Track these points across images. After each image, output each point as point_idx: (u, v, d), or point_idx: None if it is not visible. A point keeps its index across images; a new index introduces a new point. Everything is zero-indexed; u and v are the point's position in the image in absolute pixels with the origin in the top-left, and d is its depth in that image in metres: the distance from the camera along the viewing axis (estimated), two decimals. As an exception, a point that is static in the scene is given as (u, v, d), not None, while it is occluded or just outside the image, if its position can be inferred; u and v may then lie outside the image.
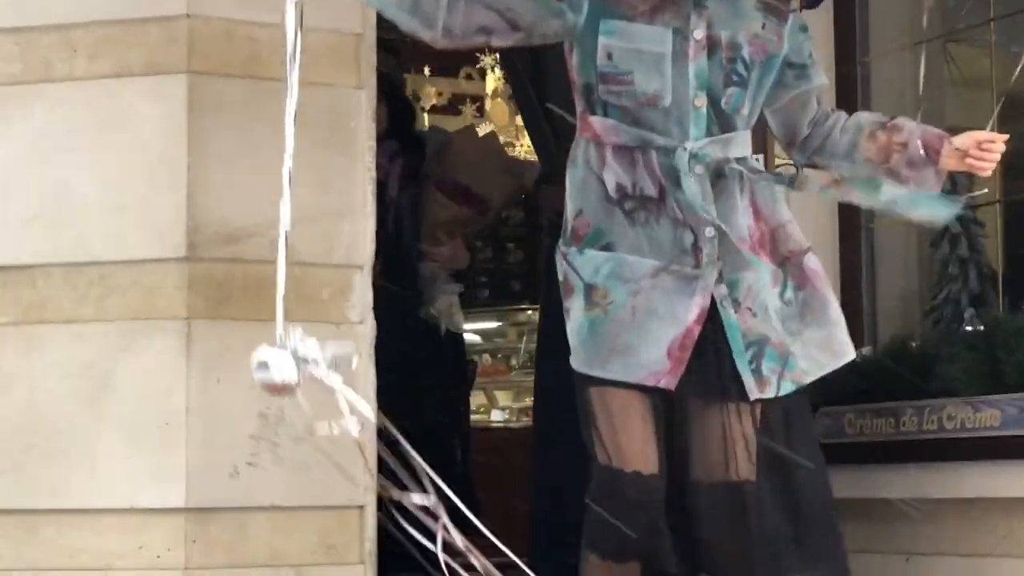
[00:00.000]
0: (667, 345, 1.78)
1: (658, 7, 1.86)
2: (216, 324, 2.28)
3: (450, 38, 1.83)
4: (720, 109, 1.87)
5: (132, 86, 2.30)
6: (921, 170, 1.88)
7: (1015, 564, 2.48)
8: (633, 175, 1.85)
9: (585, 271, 1.85)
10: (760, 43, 1.90)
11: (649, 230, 1.84)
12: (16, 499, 2.28)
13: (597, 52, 1.86)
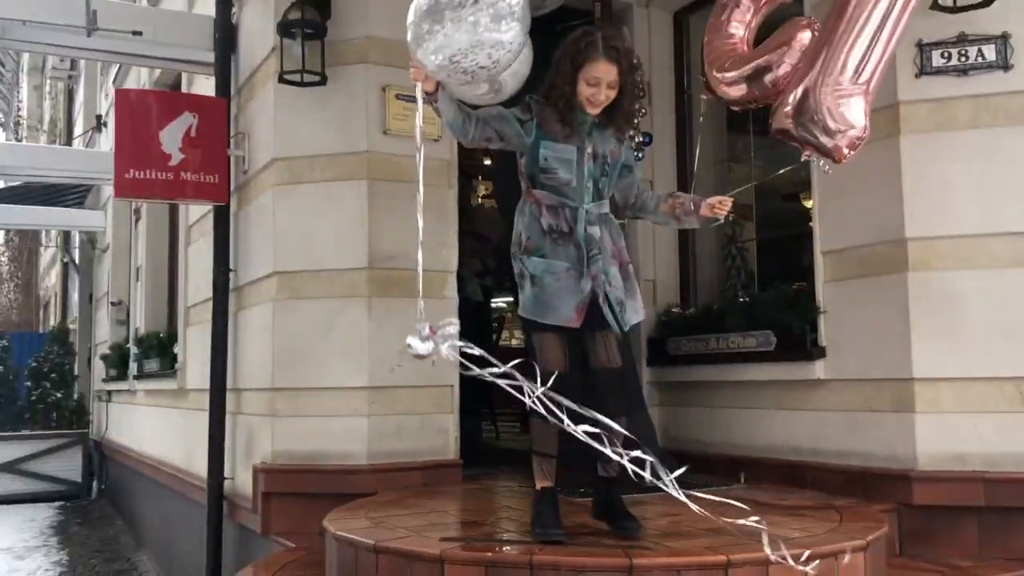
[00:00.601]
0: (574, 306, 3.01)
1: (569, 135, 3.05)
2: (382, 299, 4.50)
3: (472, 142, 3.08)
4: (597, 188, 3.10)
5: (341, 185, 4.57)
6: (690, 216, 3.14)
7: (760, 412, 4.48)
8: (557, 220, 3.05)
9: (530, 267, 3.06)
10: (614, 154, 3.12)
11: (564, 248, 3.04)
12: (290, 381, 4.55)
13: (539, 157, 3.06)
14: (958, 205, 3.78)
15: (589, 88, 3.01)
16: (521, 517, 3.50)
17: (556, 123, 3.06)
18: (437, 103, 2.97)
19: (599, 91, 3.01)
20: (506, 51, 2.85)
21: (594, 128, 3.09)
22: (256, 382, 4.84)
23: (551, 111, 3.06)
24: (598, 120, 3.09)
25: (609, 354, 3.08)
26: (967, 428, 3.72)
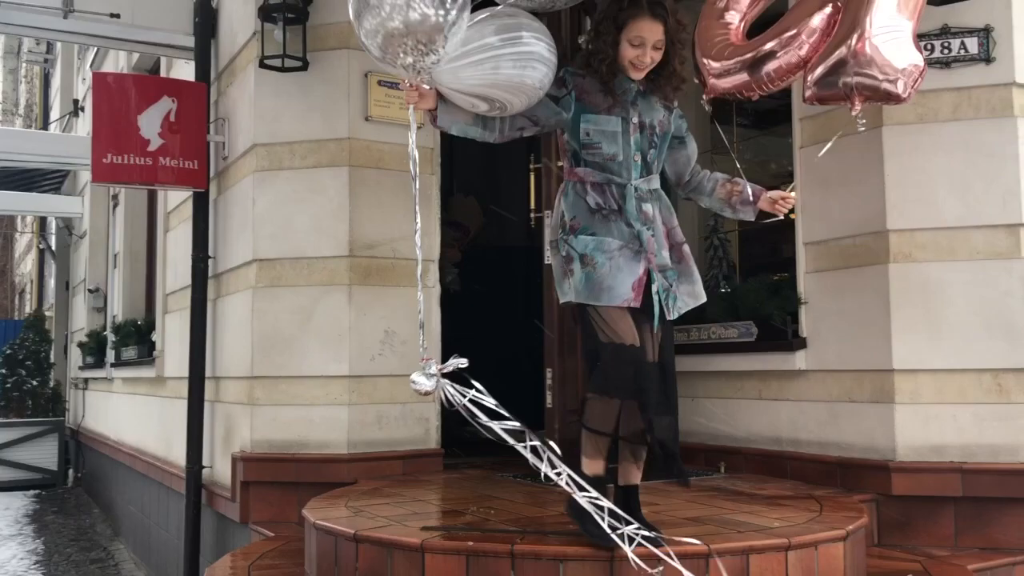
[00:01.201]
0: (631, 284, 2.73)
1: (612, 106, 2.82)
2: (363, 287, 4.49)
3: (502, 137, 2.84)
4: (646, 161, 2.86)
5: (322, 172, 4.53)
6: (747, 206, 2.96)
7: (741, 402, 4.48)
8: (604, 198, 2.81)
9: (578, 247, 2.77)
10: (662, 124, 2.89)
11: (616, 226, 2.78)
12: (270, 370, 4.52)
13: (580, 132, 2.83)
14: (939, 197, 3.79)
15: (633, 49, 2.78)
16: (504, 506, 3.50)
17: (597, 93, 2.83)
18: (438, 122, 2.76)
19: (644, 52, 2.78)
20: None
21: (639, 96, 2.87)
22: (235, 370, 4.80)
23: (591, 81, 2.84)
24: (643, 87, 2.87)
25: (653, 346, 2.82)
26: (946, 419, 3.74)
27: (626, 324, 2.73)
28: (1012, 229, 3.71)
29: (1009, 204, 3.71)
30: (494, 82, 2.65)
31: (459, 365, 2.53)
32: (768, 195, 2.95)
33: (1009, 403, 3.69)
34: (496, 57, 2.63)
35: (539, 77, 2.71)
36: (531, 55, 2.68)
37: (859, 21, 2.81)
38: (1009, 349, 3.69)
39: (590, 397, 2.80)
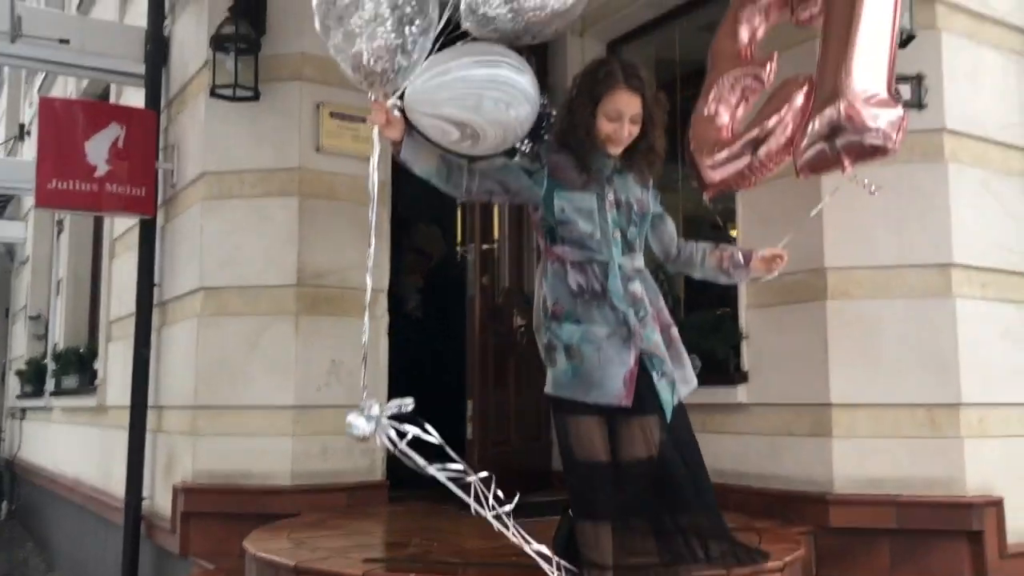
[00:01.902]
0: (623, 379, 2.55)
1: (587, 182, 2.71)
2: (311, 317, 4.49)
3: (468, 196, 2.74)
4: (627, 239, 2.73)
5: (272, 201, 4.53)
6: (740, 270, 2.93)
7: (718, 436, 4.32)
8: (586, 278, 2.66)
9: (563, 336, 2.61)
10: (641, 203, 2.79)
11: (600, 311, 2.62)
12: (214, 399, 4.46)
13: (554, 208, 2.69)
14: (876, 237, 3.91)
15: (610, 123, 2.67)
16: (448, 538, 3.50)
17: (571, 170, 2.71)
18: (402, 155, 2.64)
19: (622, 126, 2.68)
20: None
21: (615, 173, 2.77)
22: (179, 399, 4.74)
23: (565, 156, 2.72)
24: (619, 164, 2.77)
25: (649, 441, 2.61)
26: (881, 452, 3.83)
27: (597, 439, 2.59)
28: (943, 269, 3.84)
29: (941, 245, 3.85)
30: (476, 111, 2.61)
31: (403, 407, 2.41)
32: (760, 255, 2.91)
33: (941, 437, 3.79)
34: (480, 93, 2.58)
35: (523, 115, 2.66)
36: (516, 93, 2.62)
37: (837, 89, 2.90)
38: (941, 384, 3.80)
39: (578, 527, 2.63)
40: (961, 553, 3.74)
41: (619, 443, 2.60)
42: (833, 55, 3.01)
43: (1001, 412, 3.93)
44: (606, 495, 2.57)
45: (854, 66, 2.94)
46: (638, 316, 2.66)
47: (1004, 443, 3.91)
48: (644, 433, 2.60)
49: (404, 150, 2.62)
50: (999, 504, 3.78)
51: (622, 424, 2.59)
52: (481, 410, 4.54)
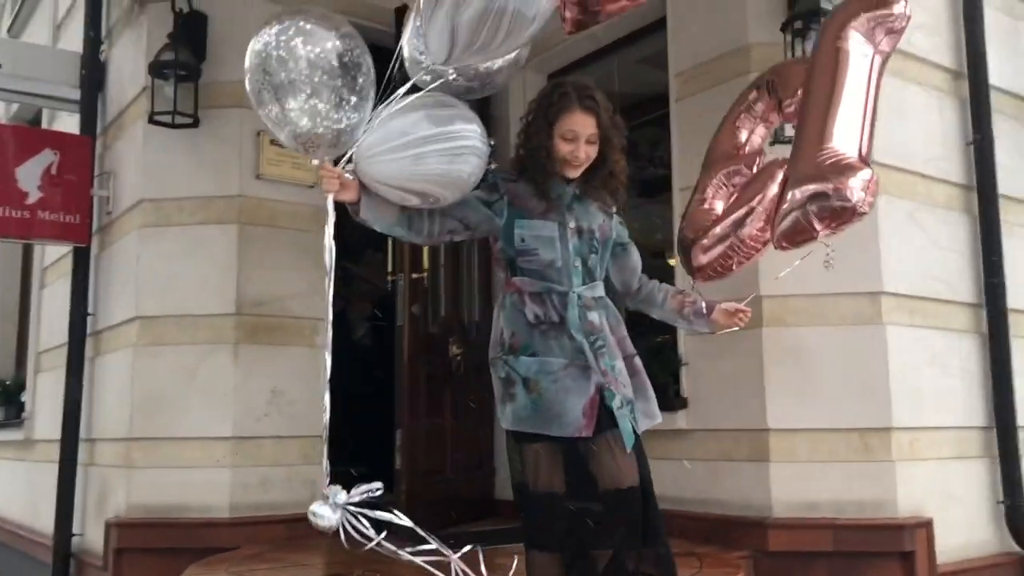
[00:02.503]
0: (582, 409, 2.50)
1: (547, 210, 2.63)
2: (250, 346, 4.44)
3: (431, 240, 2.65)
4: (587, 267, 2.66)
5: (211, 229, 4.49)
6: (700, 318, 2.82)
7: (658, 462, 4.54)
8: (544, 309, 2.59)
9: (520, 369, 2.55)
10: (603, 229, 2.71)
11: (558, 341, 2.56)
12: (150, 431, 4.38)
13: (514, 238, 2.62)
14: (803, 264, 4.01)
15: (567, 144, 2.62)
16: (390, 569, 3.44)
17: (531, 198, 2.65)
18: (361, 215, 2.47)
19: (578, 146, 2.62)
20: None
21: (575, 200, 2.70)
22: (112, 432, 4.62)
23: (524, 185, 2.66)
24: (578, 191, 2.71)
25: (621, 471, 2.52)
26: (818, 477, 3.91)
27: (555, 470, 2.55)
28: (874, 297, 3.96)
29: (871, 274, 3.97)
30: (424, 176, 2.44)
31: (372, 492, 2.28)
32: (723, 307, 2.85)
33: (874, 461, 3.90)
34: (425, 153, 2.40)
35: (470, 170, 2.50)
36: (464, 148, 2.46)
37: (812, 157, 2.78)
38: (874, 410, 3.91)
39: (529, 556, 2.59)
40: (894, 573, 3.83)
41: (590, 473, 2.54)
42: (810, 124, 2.91)
43: (930, 435, 4.06)
44: (560, 527, 2.55)
45: (828, 134, 2.83)
46: (595, 346, 2.60)
47: (933, 465, 4.03)
48: (613, 458, 2.53)
49: (363, 211, 2.46)
50: (929, 525, 3.89)
51: (590, 453, 2.54)
52: (411, 439, 4.54)
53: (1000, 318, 4.35)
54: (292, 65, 2.23)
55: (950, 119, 4.47)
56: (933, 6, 4.51)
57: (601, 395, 2.54)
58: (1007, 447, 4.26)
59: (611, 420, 2.54)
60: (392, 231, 2.57)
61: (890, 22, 2.76)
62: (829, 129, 2.78)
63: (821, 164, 2.72)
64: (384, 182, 2.40)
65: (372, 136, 2.37)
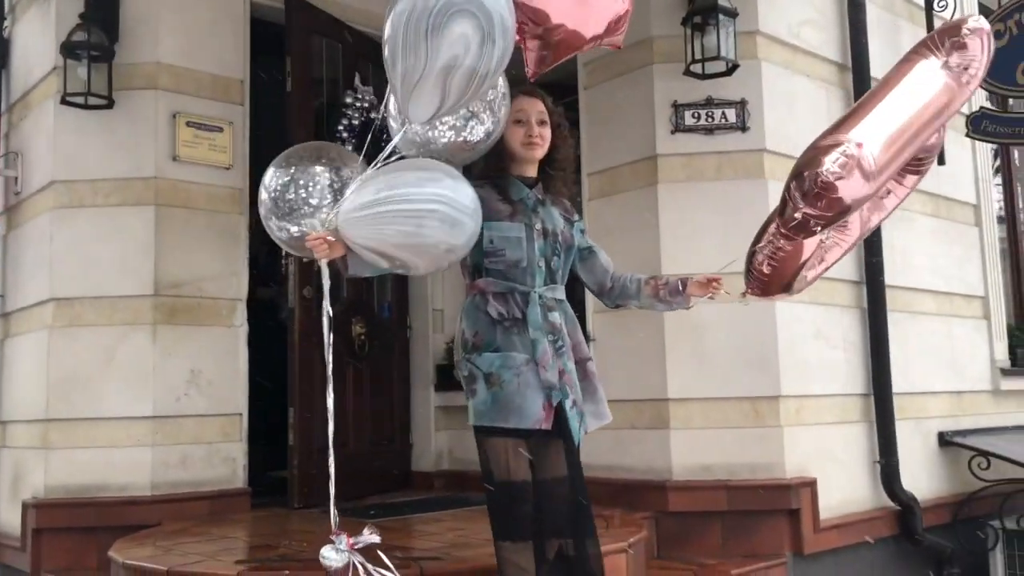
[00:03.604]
0: (542, 403, 2.60)
1: (513, 213, 2.71)
2: (169, 327, 4.47)
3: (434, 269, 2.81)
4: (550, 268, 2.75)
5: (127, 211, 4.48)
6: (677, 296, 2.89)
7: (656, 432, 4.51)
8: (507, 307, 2.68)
9: (483, 365, 2.63)
10: (565, 235, 2.81)
11: (520, 337, 2.65)
12: (67, 412, 4.37)
13: (483, 240, 2.65)
14: (705, 246, 4.29)
15: (519, 127, 2.73)
16: (317, 539, 3.58)
17: (497, 202, 2.72)
18: (351, 271, 2.57)
19: (530, 126, 2.73)
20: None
21: (538, 204, 2.79)
22: (27, 413, 4.62)
23: (488, 190, 2.73)
24: (540, 196, 2.80)
25: (561, 463, 2.66)
26: (713, 442, 4.23)
27: (519, 459, 2.60)
28: (764, 275, 4.27)
29: (762, 253, 4.28)
30: (386, 240, 2.45)
31: (371, 541, 2.42)
32: (695, 280, 2.92)
33: (764, 426, 4.24)
34: (382, 214, 2.41)
35: (438, 237, 2.45)
36: (423, 212, 2.42)
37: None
38: (764, 379, 4.25)
39: (499, 547, 2.63)
40: (782, 529, 4.19)
41: (541, 465, 2.64)
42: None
43: (815, 402, 4.43)
44: (527, 515, 2.61)
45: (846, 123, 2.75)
46: (556, 346, 2.68)
47: (817, 430, 4.40)
48: (557, 451, 2.64)
49: (352, 266, 2.55)
50: (813, 484, 4.26)
51: (541, 447, 2.64)
52: (304, 418, 4.70)
53: (879, 294, 4.74)
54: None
55: (836, 108, 4.79)
56: (821, 4, 4.84)
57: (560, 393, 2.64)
58: (883, 412, 4.68)
59: (561, 419, 2.63)
60: (383, 271, 2.63)
61: (956, 36, 2.78)
62: (852, 120, 2.70)
63: (814, 145, 2.65)
64: (358, 243, 2.45)
65: (360, 197, 2.44)
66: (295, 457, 4.69)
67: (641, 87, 4.49)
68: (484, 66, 2.22)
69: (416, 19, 2.14)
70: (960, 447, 5.12)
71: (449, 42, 2.15)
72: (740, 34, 4.33)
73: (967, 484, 5.09)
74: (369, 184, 2.43)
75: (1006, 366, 5.77)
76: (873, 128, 2.64)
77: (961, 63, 2.79)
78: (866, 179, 2.53)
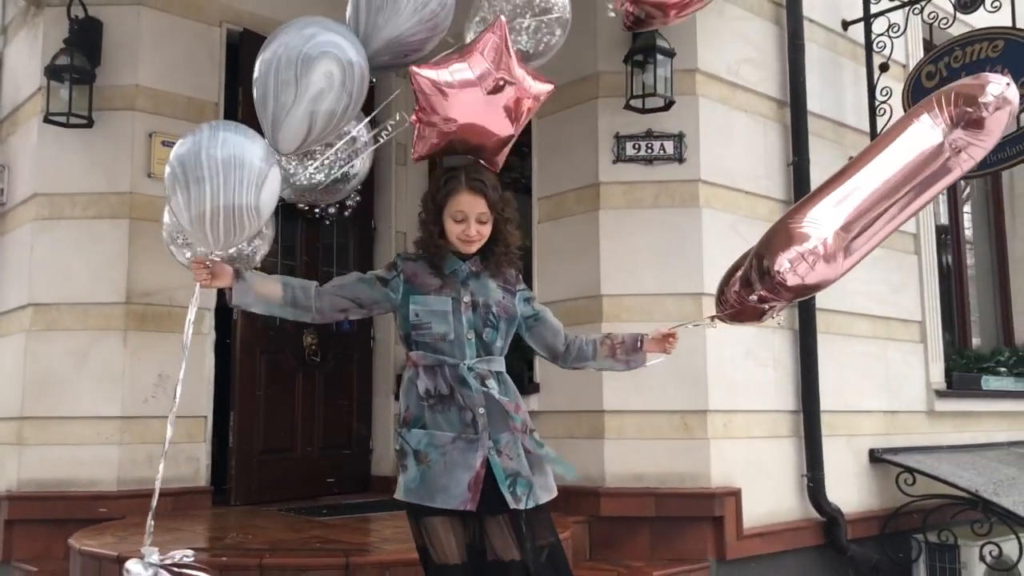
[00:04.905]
0: (467, 483, 2.55)
1: (442, 287, 2.70)
2: (139, 332, 4.77)
3: (322, 317, 2.73)
4: (483, 341, 2.69)
5: (104, 223, 4.79)
6: (635, 354, 2.93)
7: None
8: (435, 382, 2.64)
9: (411, 442, 2.63)
10: (503, 305, 2.75)
11: (445, 415, 2.62)
12: (41, 411, 4.67)
13: (409, 313, 2.68)
14: (642, 269, 4.61)
15: (457, 225, 2.70)
16: (262, 533, 3.90)
17: (427, 276, 2.73)
18: (234, 301, 2.62)
19: (469, 226, 2.69)
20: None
21: (471, 277, 2.76)
22: (4, 411, 4.90)
23: (422, 264, 2.75)
24: (475, 268, 2.77)
25: (507, 543, 2.60)
26: (645, 452, 4.52)
27: (453, 542, 2.59)
28: (696, 297, 4.57)
29: (694, 277, 4.58)
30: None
31: (185, 557, 2.39)
32: (651, 337, 2.96)
33: (693, 438, 4.52)
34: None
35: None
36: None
37: None
38: (694, 394, 4.53)
39: None
40: (707, 535, 4.47)
41: (489, 546, 2.60)
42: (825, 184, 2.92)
43: (743, 417, 4.71)
44: None
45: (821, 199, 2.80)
46: (490, 418, 2.63)
47: (745, 443, 4.69)
48: (502, 530, 2.60)
49: (236, 295, 2.62)
50: (738, 494, 4.54)
51: (486, 527, 2.61)
52: (244, 421, 5.14)
53: (809, 316, 5.03)
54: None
55: (774, 142, 5.12)
56: (761, 43, 5.15)
57: (491, 468, 2.59)
58: (811, 428, 4.96)
59: (500, 496, 2.58)
60: (274, 313, 2.71)
61: (970, 112, 2.64)
62: (824, 196, 2.75)
63: (782, 226, 2.72)
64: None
65: None
66: (233, 458, 5.09)
67: (587, 119, 4.79)
68: (343, 105, 2.53)
69: (287, 60, 2.47)
70: (889, 464, 5.40)
71: (317, 77, 2.47)
72: (680, 71, 4.65)
73: (895, 499, 5.35)
74: None
75: (942, 388, 6.05)
76: (845, 205, 2.66)
77: (967, 142, 2.64)
78: (828, 262, 2.64)
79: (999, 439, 6.29)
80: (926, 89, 5.31)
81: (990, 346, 7.06)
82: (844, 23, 5.65)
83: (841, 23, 5.65)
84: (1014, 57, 5.01)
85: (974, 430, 6.19)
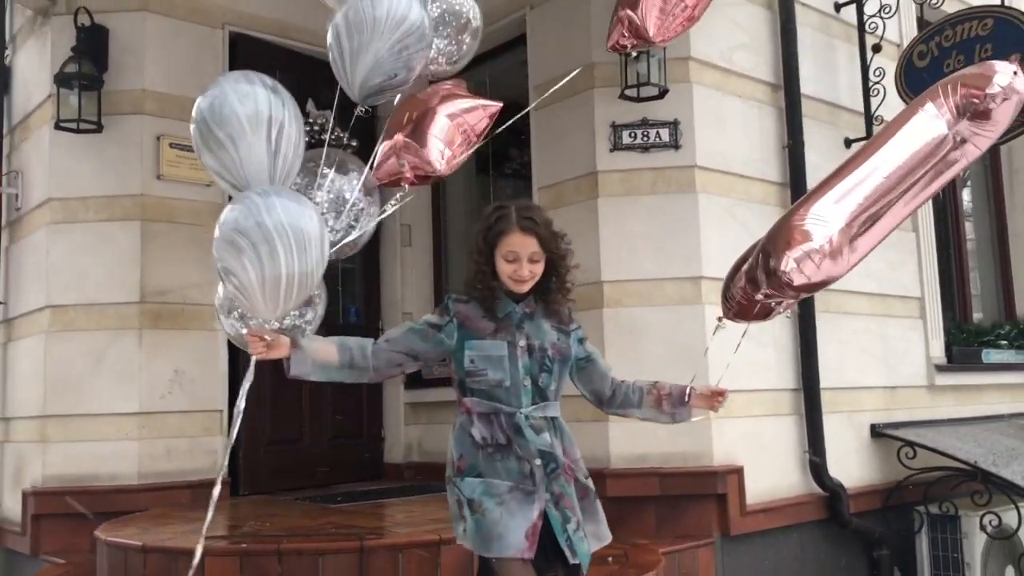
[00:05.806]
0: (524, 532, 2.51)
1: (496, 330, 2.63)
2: (153, 331, 4.93)
3: (379, 375, 2.69)
4: (539, 387, 2.65)
5: (116, 225, 4.94)
6: (680, 408, 2.86)
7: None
8: (491, 430, 2.60)
9: (466, 491, 2.58)
10: (557, 347, 2.70)
11: (504, 463, 2.57)
12: (62, 409, 4.83)
13: (464, 359, 2.61)
14: (641, 255, 4.71)
15: (509, 265, 2.64)
16: (280, 521, 4.04)
17: (481, 319, 2.66)
18: (292, 372, 2.61)
19: (520, 266, 2.63)
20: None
21: (525, 319, 2.70)
22: (26, 410, 5.06)
23: (474, 306, 2.69)
24: (529, 310, 2.72)
25: None
26: (648, 433, 4.59)
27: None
28: (695, 281, 4.67)
29: (692, 261, 4.68)
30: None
31: None
32: (700, 393, 2.90)
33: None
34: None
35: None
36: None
37: None
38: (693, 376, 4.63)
39: None
40: (710, 512, 4.58)
41: None
42: (830, 178, 2.87)
43: (743, 397, 4.79)
44: None
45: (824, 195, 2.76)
46: (547, 469, 2.61)
47: (745, 422, 4.79)
48: None
49: (295, 366, 2.60)
50: (740, 471, 4.65)
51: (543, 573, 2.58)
52: (250, 414, 5.25)
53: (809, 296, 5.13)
54: None
55: (769, 126, 5.20)
56: (754, 28, 5.23)
57: (547, 519, 2.57)
58: (812, 406, 5.06)
59: (556, 544, 2.57)
60: (334, 377, 2.68)
61: (976, 103, 2.61)
62: (828, 191, 2.71)
63: (787, 224, 2.68)
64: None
65: None
66: (240, 449, 5.24)
67: (583, 109, 4.89)
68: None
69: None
70: (890, 438, 5.50)
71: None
72: (673, 59, 4.74)
73: (897, 473, 5.45)
74: None
75: (942, 362, 6.14)
76: (849, 201, 2.62)
77: (972, 132, 2.59)
78: (834, 260, 2.62)
79: (1001, 411, 6.38)
80: (918, 69, 5.39)
81: (991, 320, 7.14)
82: (836, 5, 5.72)
83: (833, 5, 5.71)
84: (1004, 35, 5.07)
85: (976, 403, 6.27)
